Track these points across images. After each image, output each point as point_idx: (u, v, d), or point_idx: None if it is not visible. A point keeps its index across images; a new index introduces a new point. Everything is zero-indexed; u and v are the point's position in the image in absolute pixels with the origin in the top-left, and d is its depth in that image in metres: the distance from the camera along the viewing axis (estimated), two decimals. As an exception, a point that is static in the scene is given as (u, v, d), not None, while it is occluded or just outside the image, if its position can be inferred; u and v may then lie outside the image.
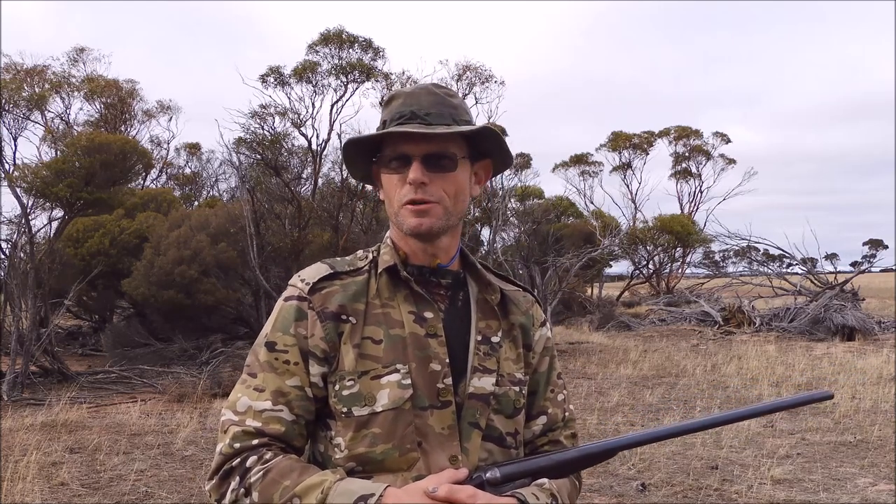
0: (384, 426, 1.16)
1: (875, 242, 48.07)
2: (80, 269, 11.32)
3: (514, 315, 1.33)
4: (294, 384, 1.18)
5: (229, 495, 1.14)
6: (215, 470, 1.17)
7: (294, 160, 12.84)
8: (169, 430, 6.54)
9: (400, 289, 1.24)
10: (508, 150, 1.29)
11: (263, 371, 1.20)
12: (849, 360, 10.81)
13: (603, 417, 7.07)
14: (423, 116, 1.21)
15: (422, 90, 1.25)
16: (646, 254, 26.39)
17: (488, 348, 1.26)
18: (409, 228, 1.22)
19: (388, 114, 1.25)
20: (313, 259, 10.47)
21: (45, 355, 9.13)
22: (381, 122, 1.27)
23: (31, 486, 4.72)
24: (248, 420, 1.17)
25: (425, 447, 1.16)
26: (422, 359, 1.19)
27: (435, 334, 1.21)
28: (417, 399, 1.17)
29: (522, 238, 19.25)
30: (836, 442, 6.05)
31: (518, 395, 1.27)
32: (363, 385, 1.17)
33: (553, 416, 1.36)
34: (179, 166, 25.52)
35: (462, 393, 1.21)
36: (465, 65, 15.26)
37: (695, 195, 32.32)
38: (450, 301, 1.28)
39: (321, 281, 1.23)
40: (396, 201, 1.23)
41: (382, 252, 1.28)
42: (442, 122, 1.21)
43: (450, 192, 1.22)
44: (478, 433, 1.20)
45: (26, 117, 15.89)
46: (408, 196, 1.20)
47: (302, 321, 1.20)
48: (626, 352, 12.29)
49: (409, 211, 1.21)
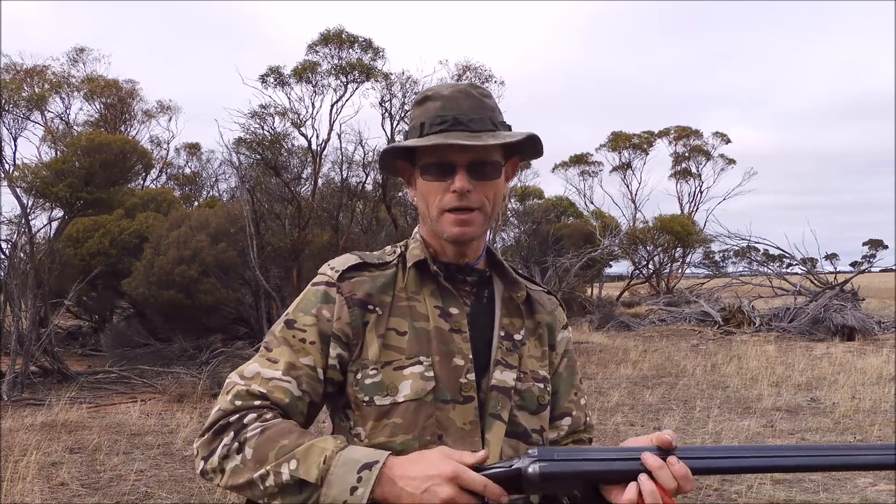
0: (405, 417, 1.16)
1: (875, 242, 47.99)
2: (80, 269, 11.32)
3: (540, 314, 1.34)
4: (307, 362, 1.18)
5: (220, 450, 1.09)
6: (209, 426, 1.13)
7: (294, 160, 12.86)
8: (169, 430, 6.53)
9: (427, 283, 1.25)
10: (543, 150, 1.29)
11: (280, 345, 1.19)
12: (849, 360, 10.81)
13: (603, 417, 7.07)
14: (466, 123, 1.19)
15: (460, 94, 1.22)
16: (646, 254, 26.38)
17: (511, 345, 1.26)
18: (451, 236, 1.22)
19: (424, 115, 1.22)
20: (313, 259, 10.37)
21: (45, 355, 9.13)
22: (416, 123, 1.24)
23: (31, 486, 4.72)
24: (254, 385, 1.15)
25: (446, 440, 1.16)
26: (445, 353, 1.20)
27: (459, 330, 1.22)
28: (440, 392, 1.17)
29: (522, 238, 19.26)
30: (836, 442, 6.05)
31: (542, 392, 1.28)
32: (386, 375, 1.18)
33: (577, 419, 1.36)
34: (179, 166, 25.54)
35: (485, 387, 1.21)
36: (465, 65, 15.23)
37: (695, 195, 32.33)
38: (475, 298, 1.28)
39: (350, 270, 1.24)
40: (436, 207, 1.22)
41: (412, 247, 1.29)
42: (484, 127, 1.20)
43: (490, 197, 1.23)
44: (500, 425, 1.20)
45: (26, 117, 15.88)
46: (451, 203, 1.20)
47: (328, 304, 1.21)
48: (625, 352, 12.29)
49: (452, 220, 1.21)
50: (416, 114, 1.25)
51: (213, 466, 1.10)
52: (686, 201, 32.39)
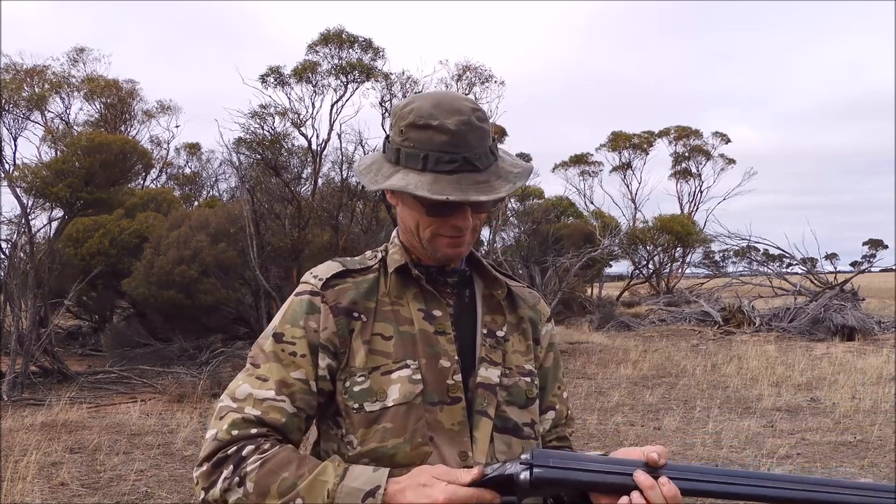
0: (395, 421, 1.16)
1: (875, 242, 47.94)
2: (80, 269, 11.32)
3: (523, 310, 1.35)
4: (298, 376, 1.17)
5: (220, 483, 1.10)
6: (207, 456, 1.13)
7: (294, 160, 12.85)
8: (169, 430, 6.54)
9: (409, 287, 1.25)
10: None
11: (268, 361, 1.19)
12: (849, 360, 10.81)
13: (603, 417, 7.07)
14: (474, 163, 1.15)
15: (466, 127, 1.15)
16: (646, 254, 26.39)
17: (494, 341, 1.27)
18: (445, 258, 1.24)
19: (427, 146, 1.14)
20: (313, 259, 10.39)
21: (45, 355, 9.13)
22: (416, 153, 1.15)
23: (31, 486, 4.73)
24: (248, 408, 1.15)
25: (437, 441, 1.17)
26: (431, 355, 1.20)
27: (444, 332, 1.23)
28: (428, 394, 1.18)
29: (522, 238, 19.27)
30: (836, 442, 6.05)
31: (530, 386, 1.29)
32: (374, 381, 1.18)
33: (560, 413, 1.38)
34: (179, 166, 25.55)
35: (472, 386, 1.22)
36: (465, 65, 15.24)
37: (695, 195, 32.33)
38: (457, 298, 1.29)
39: (334, 278, 1.24)
40: (430, 231, 1.21)
41: (391, 252, 1.29)
42: (488, 163, 1.17)
43: (482, 219, 1.26)
44: (487, 421, 1.21)
45: (26, 117, 15.85)
46: (449, 233, 1.21)
47: (314, 315, 1.20)
48: (626, 352, 12.29)
49: (448, 243, 1.21)
50: (413, 138, 1.15)
51: (216, 498, 1.12)
52: (686, 201, 32.44)
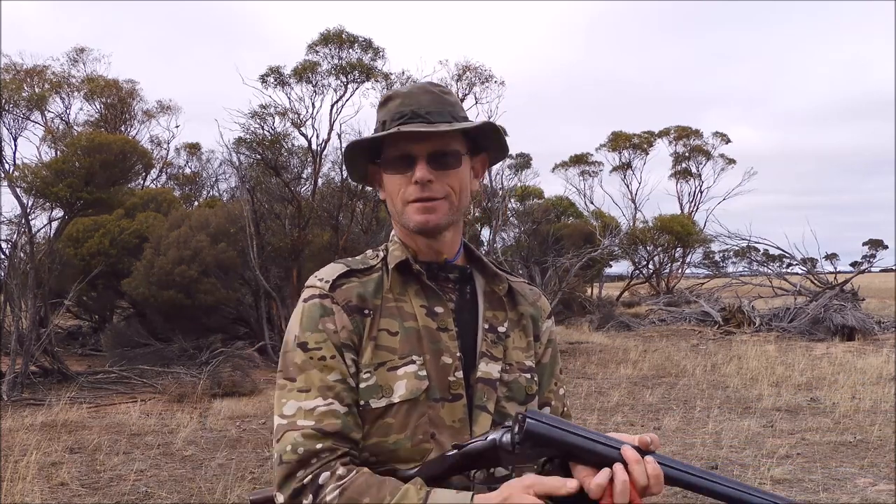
0: (399, 417, 1.16)
1: (875, 242, 47.95)
2: (80, 269, 11.32)
3: (523, 306, 1.36)
4: (336, 378, 1.17)
5: None
6: (280, 484, 1.13)
7: (294, 160, 12.85)
8: (169, 430, 6.54)
9: (411, 284, 1.26)
10: (506, 144, 1.31)
11: (303, 371, 1.17)
12: (849, 360, 10.81)
13: (603, 417, 7.07)
14: (424, 115, 1.22)
15: (419, 89, 1.26)
16: (646, 254, 26.39)
17: (495, 337, 1.28)
18: (417, 225, 1.23)
19: (386, 114, 1.25)
20: (313, 259, 10.37)
21: (45, 355, 9.13)
22: (379, 123, 1.27)
23: (31, 486, 4.73)
24: (301, 421, 1.14)
25: (439, 438, 1.17)
26: (435, 351, 1.21)
27: (446, 328, 1.23)
28: (431, 391, 1.18)
29: (522, 238, 19.27)
30: (836, 442, 6.05)
31: (530, 383, 1.29)
32: (380, 376, 1.18)
33: (555, 409, 1.38)
34: (179, 166, 25.54)
35: (473, 381, 1.23)
36: (465, 65, 15.28)
37: (695, 195, 32.32)
38: (458, 294, 1.30)
39: (339, 278, 1.24)
40: (401, 200, 1.24)
41: (391, 249, 1.30)
42: (442, 119, 1.23)
43: (455, 188, 1.25)
44: (486, 416, 1.21)
45: (26, 117, 15.86)
46: (414, 195, 1.22)
47: (328, 317, 1.20)
48: (625, 352, 12.29)
49: (416, 208, 1.23)
50: (379, 115, 1.28)
51: None
52: (686, 201, 32.42)
